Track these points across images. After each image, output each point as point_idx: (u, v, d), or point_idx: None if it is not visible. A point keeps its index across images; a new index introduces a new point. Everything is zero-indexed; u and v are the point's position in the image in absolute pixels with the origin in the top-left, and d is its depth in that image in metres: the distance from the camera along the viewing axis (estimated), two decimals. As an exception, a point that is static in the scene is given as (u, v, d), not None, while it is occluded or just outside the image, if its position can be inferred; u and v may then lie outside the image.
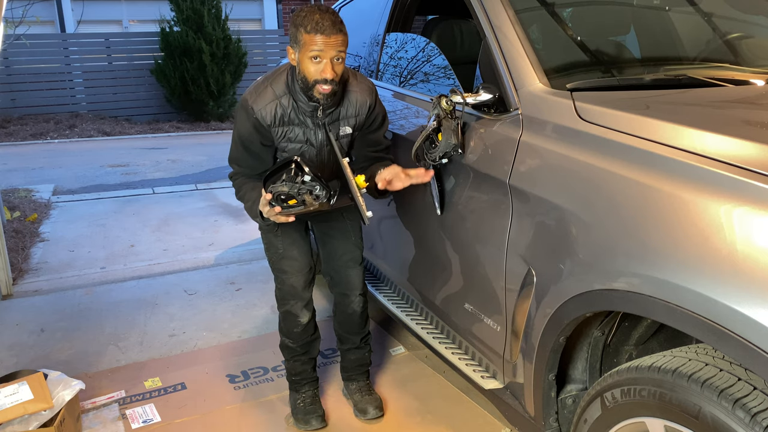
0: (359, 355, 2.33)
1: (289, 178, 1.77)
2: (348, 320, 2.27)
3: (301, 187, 1.78)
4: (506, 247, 1.66)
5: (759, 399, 1.07)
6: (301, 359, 2.27)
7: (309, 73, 1.80)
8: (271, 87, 1.92)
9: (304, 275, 2.15)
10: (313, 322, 2.24)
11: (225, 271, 3.79)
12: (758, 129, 1.35)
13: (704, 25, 2.18)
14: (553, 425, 1.64)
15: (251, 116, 1.91)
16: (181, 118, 10.64)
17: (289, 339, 2.23)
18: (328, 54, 1.76)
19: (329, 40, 1.74)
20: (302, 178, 1.77)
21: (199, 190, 5.97)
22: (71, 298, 3.40)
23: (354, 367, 2.35)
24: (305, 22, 1.76)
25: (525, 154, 1.62)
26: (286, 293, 2.17)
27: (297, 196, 1.79)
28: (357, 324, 2.28)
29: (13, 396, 1.98)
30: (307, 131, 1.95)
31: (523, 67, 1.71)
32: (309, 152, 2.00)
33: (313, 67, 1.79)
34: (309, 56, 1.77)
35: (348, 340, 2.31)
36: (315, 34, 1.74)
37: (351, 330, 2.29)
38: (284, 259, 2.14)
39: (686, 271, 1.14)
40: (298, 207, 1.81)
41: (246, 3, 12.78)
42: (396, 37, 2.52)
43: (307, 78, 1.81)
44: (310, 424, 2.20)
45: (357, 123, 2.01)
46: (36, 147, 8.63)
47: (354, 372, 2.35)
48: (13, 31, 8.08)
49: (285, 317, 2.21)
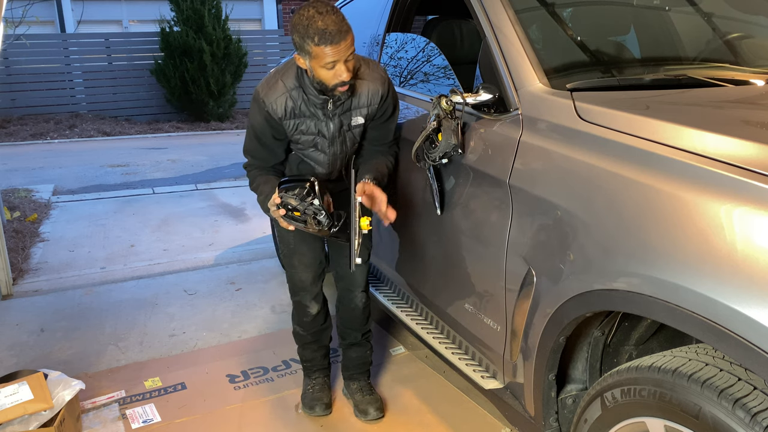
0: (360, 353, 2.35)
1: (301, 195, 1.82)
2: (350, 315, 2.29)
3: (308, 207, 1.83)
4: (506, 247, 1.66)
5: (759, 399, 1.07)
6: (312, 347, 2.33)
7: (326, 79, 1.80)
8: (281, 80, 1.93)
9: (312, 270, 2.20)
10: (323, 312, 2.29)
11: (225, 271, 3.79)
12: (758, 129, 1.35)
13: (704, 25, 2.18)
14: (553, 425, 1.64)
15: (263, 109, 1.93)
16: (181, 118, 10.64)
17: (300, 327, 2.30)
18: (341, 59, 1.74)
19: (339, 47, 1.71)
20: (312, 200, 1.82)
21: (199, 190, 5.97)
22: (71, 298, 3.40)
23: (355, 365, 2.36)
24: (310, 32, 1.69)
25: (525, 154, 1.62)
26: (295, 285, 2.23)
27: (302, 213, 1.84)
28: (359, 319, 2.30)
29: (13, 396, 1.98)
30: (318, 123, 1.96)
31: (523, 67, 1.72)
32: (321, 143, 2.01)
33: (329, 74, 1.77)
34: (322, 66, 1.75)
35: (349, 335, 2.32)
36: (325, 46, 1.70)
37: (353, 325, 2.31)
38: (295, 254, 2.18)
39: (686, 271, 1.14)
40: (299, 222, 1.86)
41: (246, 3, 12.79)
42: (396, 37, 2.52)
43: (325, 83, 1.81)
44: (314, 411, 2.27)
45: (369, 113, 2.00)
46: (36, 147, 8.63)
47: (355, 371, 2.36)
48: (13, 31, 8.09)
49: (296, 307, 2.28)
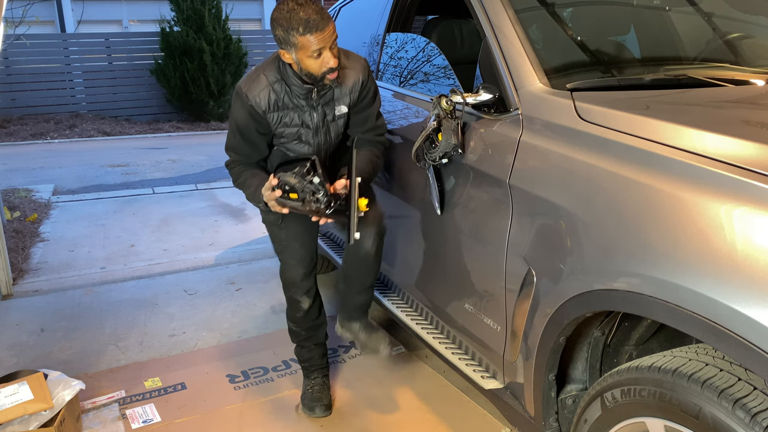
0: (365, 299, 2.21)
1: (301, 173, 1.81)
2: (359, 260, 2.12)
3: (307, 186, 1.81)
4: (506, 247, 1.66)
5: (759, 399, 1.07)
6: (307, 345, 2.32)
7: (314, 69, 1.83)
8: (263, 74, 1.95)
9: (304, 266, 2.19)
10: (315, 308, 2.27)
11: (225, 271, 3.79)
12: (758, 129, 1.35)
13: (704, 25, 2.18)
14: (553, 425, 1.64)
15: (246, 104, 1.94)
16: (181, 118, 10.64)
17: (293, 323, 2.30)
18: (327, 46, 1.79)
19: (324, 34, 1.77)
20: (311, 178, 1.81)
21: (199, 190, 5.97)
22: (71, 298, 3.40)
23: (356, 308, 2.21)
24: (293, 23, 1.76)
25: (525, 154, 1.61)
26: (286, 281, 2.23)
27: (300, 192, 1.82)
28: (369, 266, 2.13)
29: (13, 396, 1.98)
30: (302, 114, 1.98)
31: (523, 67, 1.71)
32: (306, 135, 2.01)
33: (316, 63, 1.82)
34: (309, 55, 1.80)
35: (356, 282, 2.17)
36: (309, 35, 1.76)
37: (360, 272, 2.15)
38: (286, 251, 2.18)
39: (686, 271, 1.14)
40: (296, 202, 1.84)
41: (246, 3, 12.80)
42: (396, 37, 2.52)
43: (314, 74, 1.85)
44: (314, 412, 2.27)
45: (351, 101, 2.03)
46: (36, 147, 8.63)
47: (356, 312, 2.22)
48: (13, 31, 8.09)
49: (288, 302, 2.28)
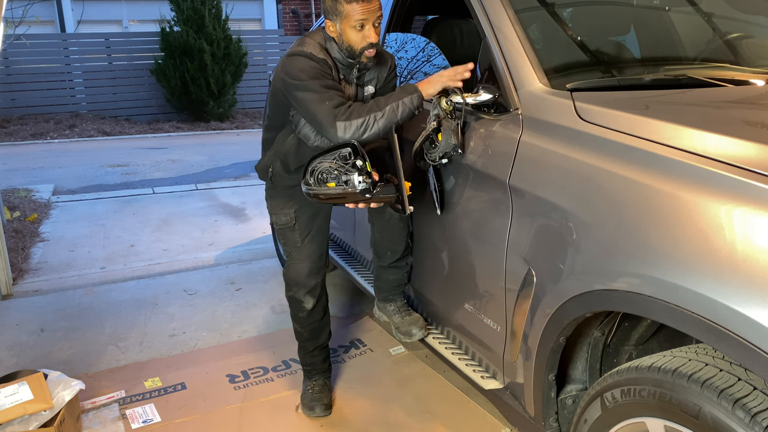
0: (398, 275, 2.26)
1: (342, 157, 1.78)
2: (388, 230, 2.15)
3: (350, 169, 1.77)
4: (506, 247, 1.66)
5: (759, 399, 1.08)
6: (309, 346, 2.31)
7: (354, 42, 1.85)
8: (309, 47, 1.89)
9: (311, 262, 2.19)
10: (320, 308, 2.27)
11: (225, 271, 3.79)
12: (758, 129, 1.35)
13: (704, 25, 2.18)
14: (553, 425, 1.64)
15: (311, 57, 1.86)
16: (181, 118, 10.63)
17: (297, 323, 2.30)
18: (370, 20, 1.82)
19: (370, 6, 1.81)
20: (354, 161, 1.77)
21: (199, 190, 5.97)
22: (71, 298, 3.40)
23: (391, 287, 2.29)
24: None
25: (525, 154, 1.62)
26: (291, 279, 2.23)
27: (341, 175, 1.77)
28: (397, 234, 2.16)
29: (13, 396, 1.98)
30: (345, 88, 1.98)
31: (523, 67, 1.72)
32: None
33: (358, 35, 1.84)
34: (352, 25, 1.82)
35: (386, 255, 2.21)
36: (356, 3, 1.79)
37: (390, 242, 2.17)
38: (298, 250, 2.18)
39: (686, 271, 1.14)
40: (335, 190, 1.79)
41: (246, 3, 12.78)
42: (396, 37, 2.52)
43: (353, 47, 1.86)
44: (314, 411, 2.27)
45: (378, 82, 2.06)
46: (36, 147, 8.63)
47: (391, 293, 2.30)
48: (13, 31, 8.08)
49: (290, 303, 2.28)
